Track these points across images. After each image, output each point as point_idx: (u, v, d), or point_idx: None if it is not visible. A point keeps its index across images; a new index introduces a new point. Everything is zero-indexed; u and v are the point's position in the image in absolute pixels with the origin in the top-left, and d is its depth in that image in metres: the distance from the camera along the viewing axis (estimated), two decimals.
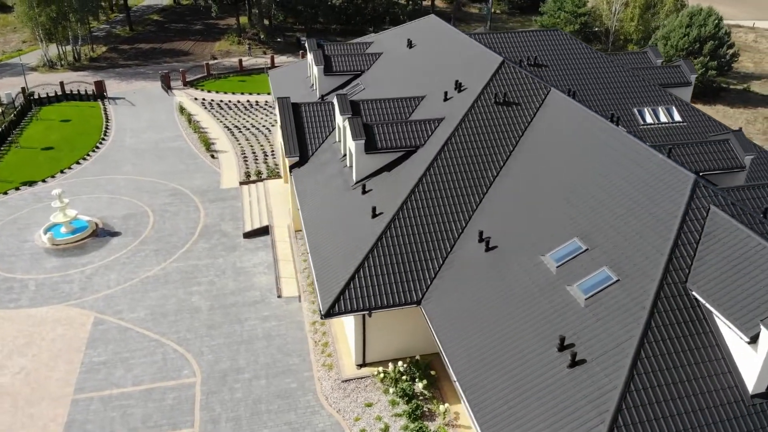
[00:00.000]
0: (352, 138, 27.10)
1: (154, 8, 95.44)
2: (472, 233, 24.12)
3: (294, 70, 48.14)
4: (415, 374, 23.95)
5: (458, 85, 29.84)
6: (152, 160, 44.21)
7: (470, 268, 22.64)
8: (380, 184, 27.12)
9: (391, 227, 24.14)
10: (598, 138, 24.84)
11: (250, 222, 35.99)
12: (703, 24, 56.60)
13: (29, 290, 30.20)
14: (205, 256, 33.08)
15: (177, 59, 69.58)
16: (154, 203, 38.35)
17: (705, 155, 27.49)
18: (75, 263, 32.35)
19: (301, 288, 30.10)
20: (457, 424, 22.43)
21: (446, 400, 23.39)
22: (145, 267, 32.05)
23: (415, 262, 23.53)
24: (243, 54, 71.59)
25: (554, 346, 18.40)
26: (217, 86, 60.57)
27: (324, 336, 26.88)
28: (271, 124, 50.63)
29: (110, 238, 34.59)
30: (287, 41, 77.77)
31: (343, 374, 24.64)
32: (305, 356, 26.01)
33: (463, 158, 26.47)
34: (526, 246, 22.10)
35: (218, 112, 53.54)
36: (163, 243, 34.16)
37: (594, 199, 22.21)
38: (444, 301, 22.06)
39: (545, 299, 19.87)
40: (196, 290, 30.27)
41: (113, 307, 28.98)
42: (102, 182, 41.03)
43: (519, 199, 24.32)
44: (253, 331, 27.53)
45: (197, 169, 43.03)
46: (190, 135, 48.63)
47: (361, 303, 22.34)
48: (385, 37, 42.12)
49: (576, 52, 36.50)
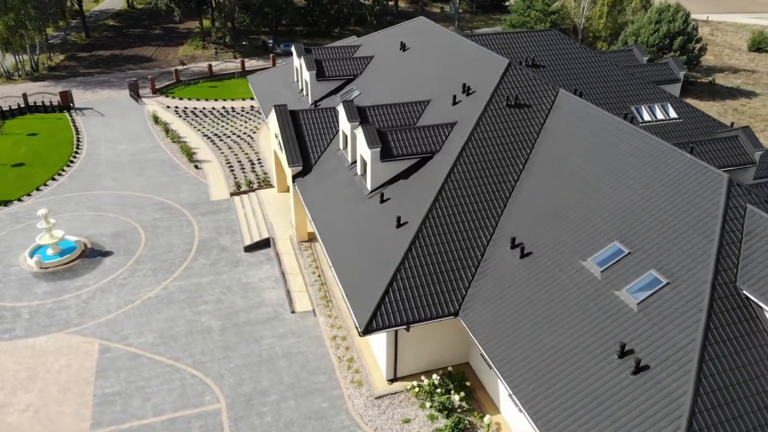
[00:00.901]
0: (368, 146, 26.33)
1: (108, 13, 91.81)
2: (502, 240, 23.74)
3: (275, 75, 46.90)
4: (449, 386, 23.43)
5: (466, 88, 29.43)
6: (133, 173, 42.23)
7: (507, 276, 22.23)
8: (398, 193, 26.44)
9: (419, 237, 23.52)
10: (621, 139, 24.83)
11: (249, 235, 34.71)
12: (672, 20, 58.06)
13: (23, 319, 28.23)
14: (207, 272, 31.68)
15: (141, 66, 66.98)
16: (143, 219, 36.58)
17: (716, 152, 27.93)
18: (68, 287, 30.46)
19: (314, 302, 29.13)
20: None
21: (485, 410, 22.95)
22: (145, 287, 30.45)
23: (448, 272, 22.98)
24: (209, 59, 69.50)
25: (613, 353, 18.18)
26: (188, 93, 58.54)
27: (348, 351, 26.04)
28: (252, 131, 49.20)
29: (102, 259, 32.75)
30: (253, 44, 76.01)
31: (375, 390, 23.88)
32: (331, 373, 25.12)
33: (482, 163, 26.08)
34: (564, 251, 21.84)
35: (194, 120, 51.70)
36: (159, 261, 32.56)
37: (628, 201, 22.13)
38: (484, 312, 21.58)
39: (595, 305, 19.63)
40: (204, 309, 28.92)
41: (118, 333, 27.37)
42: (83, 199, 38.90)
43: (546, 203, 24.06)
44: (272, 349, 26.45)
45: (182, 180, 41.33)
46: (169, 145, 46.73)
47: (398, 317, 21.64)
48: (374, 39, 41.40)
49: (570, 51, 36.64)
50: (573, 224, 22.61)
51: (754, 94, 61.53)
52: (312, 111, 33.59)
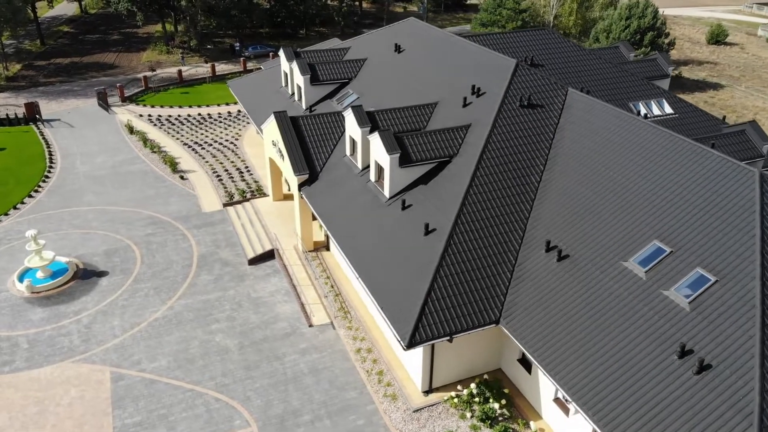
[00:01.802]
0: (387, 152, 25.63)
1: (61, 19, 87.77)
2: (534, 243, 23.46)
3: (256, 80, 45.59)
4: (487, 394, 23.00)
5: (476, 89, 29.08)
6: (116, 187, 40.25)
7: (546, 281, 21.93)
8: (419, 198, 25.84)
9: (451, 244, 22.99)
10: (641, 137, 24.93)
11: (251, 247, 33.49)
12: (642, 15, 59.28)
13: (22, 349, 26.37)
14: (212, 289, 30.36)
15: (104, 73, 64.19)
16: (135, 235, 34.85)
17: (726, 147, 28.41)
18: (65, 312, 28.67)
19: (331, 314, 28.26)
20: None
21: (527, 417, 22.62)
22: (149, 308, 28.93)
23: (483, 279, 22.53)
24: (175, 64, 67.25)
25: (672, 353, 18.08)
26: (159, 100, 56.37)
27: (375, 364, 25.30)
28: (234, 138, 47.69)
29: (98, 279, 30.99)
30: (219, 48, 73.98)
31: (411, 403, 23.23)
32: (361, 388, 24.33)
33: (503, 165, 25.76)
34: (602, 253, 21.69)
35: (171, 129, 49.75)
36: (160, 279, 31.03)
37: (661, 200, 22.16)
38: (528, 318, 21.22)
39: (645, 306, 19.51)
40: (216, 328, 27.66)
41: (129, 358, 25.87)
42: (66, 216, 36.81)
43: (575, 204, 23.90)
44: (296, 366, 25.47)
45: (169, 192, 39.63)
46: (149, 156, 44.79)
47: (440, 329, 21.06)
48: (364, 41, 40.63)
49: (564, 49, 36.81)
50: (606, 225, 22.50)
51: (720, 86, 63.50)
52: (313, 117, 32.64)
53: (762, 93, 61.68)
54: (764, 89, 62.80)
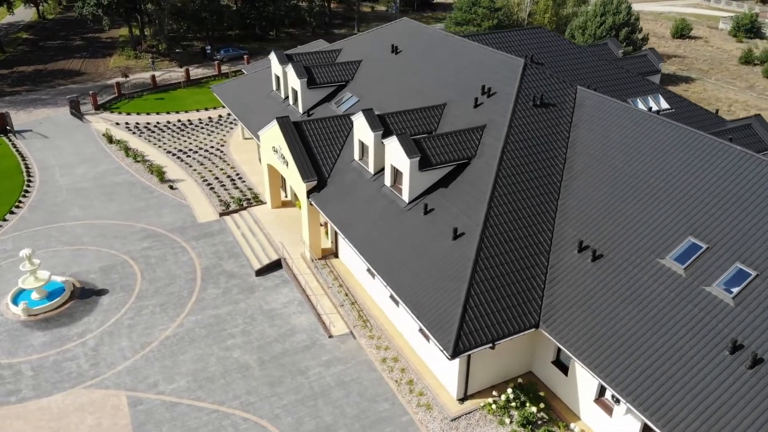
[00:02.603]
0: (406, 155, 25.07)
1: (18, 26, 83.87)
2: (564, 243, 23.28)
3: (242, 84, 44.34)
4: (523, 398, 22.73)
5: (486, 90, 28.79)
6: (102, 200, 38.51)
7: (582, 281, 21.75)
8: (440, 202, 25.38)
9: (482, 248, 22.60)
10: (659, 133, 25.04)
11: (256, 257, 32.44)
12: (617, 12, 60.23)
13: (26, 377, 24.83)
14: (222, 303, 29.26)
15: (72, 80, 61.56)
16: (131, 249, 33.36)
17: (735, 141, 28.80)
18: (68, 335, 27.16)
19: (349, 323, 27.55)
20: None
21: (565, 419, 22.43)
22: (158, 326, 27.68)
23: (518, 283, 22.22)
24: (145, 69, 65.10)
25: (723, 348, 18.11)
26: (134, 107, 54.34)
27: (404, 373, 24.73)
28: (220, 145, 46.32)
29: (97, 298, 29.50)
30: (188, 51, 71.95)
31: (447, 412, 22.77)
32: (393, 399, 23.74)
33: (523, 166, 25.53)
34: (636, 251, 21.64)
35: (151, 137, 47.97)
36: (164, 295, 29.74)
37: (689, 196, 22.25)
38: (567, 320, 20.98)
39: (688, 303, 19.50)
40: (233, 344, 26.63)
41: (144, 381, 24.63)
42: (53, 232, 34.99)
43: (601, 203, 23.82)
44: (322, 380, 24.69)
45: (160, 204, 38.14)
46: (132, 166, 43.07)
47: (482, 336, 20.64)
48: (356, 43, 39.90)
49: (560, 47, 36.92)
50: (636, 223, 22.47)
51: (691, 79, 65.09)
52: (316, 121, 31.81)
53: (732, 85, 63.48)
54: (734, 81, 64.65)
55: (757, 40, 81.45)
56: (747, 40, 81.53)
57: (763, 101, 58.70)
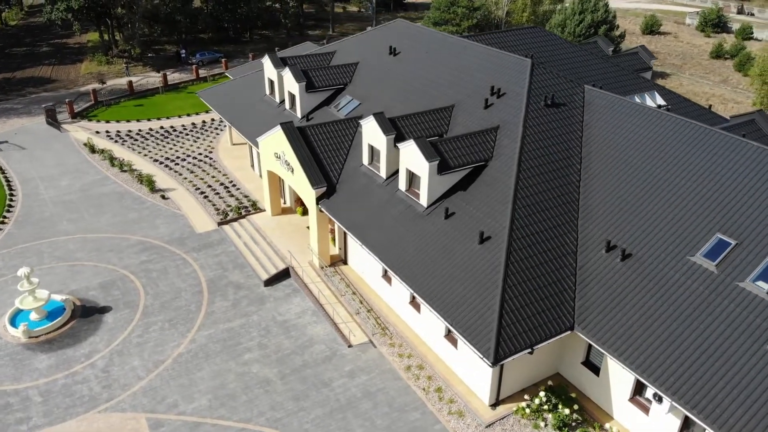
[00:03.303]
0: (426, 159, 24.67)
1: None
2: (591, 244, 23.20)
3: (231, 89, 43.27)
4: (554, 401, 22.59)
5: (496, 90, 28.60)
6: (92, 212, 37.05)
7: (614, 281, 21.68)
8: (462, 206, 25.05)
9: (511, 251, 22.35)
10: (673, 131, 25.22)
11: (262, 267, 31.60)
12: (594, 9, 60.97)
13: (35, 403, 23.57)
14: (233, 315, 28.38)
15: (44, 88, 59.24)
16: (130, 263, 32.13)
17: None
18: (75, 356, 25.94)
19: (368, 332, 27.01)
20: None
21: (598, 419, 22.36)
22: (170, 343, 26.67)
23: (550, 285, 22.04)
24: (118, 74, 63.14)
25: (765, 342, 18.20)
26: (112, 115, 52.58)
27: (431, 381, 24.33)
28: (208, 151, 45.13)
29: (101, 316, 28.28)
30: (162, 56, 70.11)
31: (481, 418, 22.46)
32: (423, 408, 23.32)
33: (542, 166, 25.40)
34: (665, 249, 21.69)
35: (135, 145, 46.44)
36: (171, 310, 28.70)
37: (712, 193, 22.41)
38: (602, 321, 20.88)
39: (724, 299, 19.60)
40: (250, 358, 25.82)
41: (163, 401, 23.66)
42: (45, 248, 33.47)
43: (623, 202, 23.82)
44: (348, 391, 24.12)
45: (153, 214, 36.88)
46: (119, 176, 41.59)
47: (521, 341, 20.39)
48: (349, 45, 39.28)
49: (557, 47, 37.03)
50: (661, 221, 22.53)
51: (666, 75, 66.38)
52: (321, 126, 31.14)
53: (706, 79, 64.97)
54: (708, 76, 66.19)
55: (724, 34, 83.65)
56: (714, 34, 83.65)
57: (739, 94, 60.21)
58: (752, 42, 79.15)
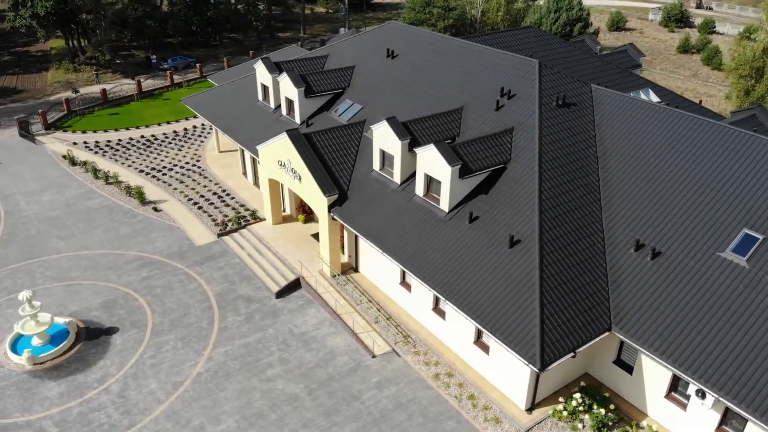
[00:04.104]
0: (448, 163, 24.34)
1: None
2: (618, 243, 23.26)
3: (219, 95, 42.09)
4: (589, 402, 22.58)
5: (506, 92, 28.49)
6: (81, 228, 35.47)
7: (645, 280, 21.77)
8: (485, 209, 24.80)
9: (544, 255, 22.22)
10: (685, 128, 25.56)
11: (270, 278, 30.76)
12: (569, 8, 61.76)
13: None
14: (248, 330, 27.50)
15: (10, 99, 56.57)
16: (130, 280, 30.84)
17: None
18: (86, 382, 24.68)
19: (389, 340, 26.54)
20: None
21: (633, 418, 22.44)
22: (186, 363, 25.65)
23: (584, 287, 21.98)
24: (88, 82, 60.89)
25: None
26: (87, 125, 50.58)
27: (462, 388, 24.02)
28: (195, 160, 43.82)
29: (108, 338, 27.03)
30: (131, 62, 67.94)
31: (519, 424, 22.28)
32: (458, 416, 23.00)
33: (561, 167, 25.39)
34: (694, 246, 21.89)
35: (116, 156, 44.71)
36: (182, 328, 27.64)
37: (734, 188, 22.75)
38: (639, 320, 20.92)
39: (759, 293, 19.87)
40: (273, 374, 25.04)
41: (188, 425, 22.70)
42: (36, 268, 31.84)
43: (645, 201, 23.98)
44: (379, 404, 23.61)
45: (147, 228, 35.54)
46: (104, 188, 39.97)
47: (563, 345, 20.26)
48: (343, 48, 38.61)
49: (552, 46, 37.22)
50: (686, 218, 22.75)
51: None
52: (326, 132, 30.49)
53: (677, 74, 66.60)
54: (678, 71, 67.86)
55: (687, 29, 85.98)
56: (678, 29, 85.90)
57: (710, 88, 61.90)
58: (715, 36, 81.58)
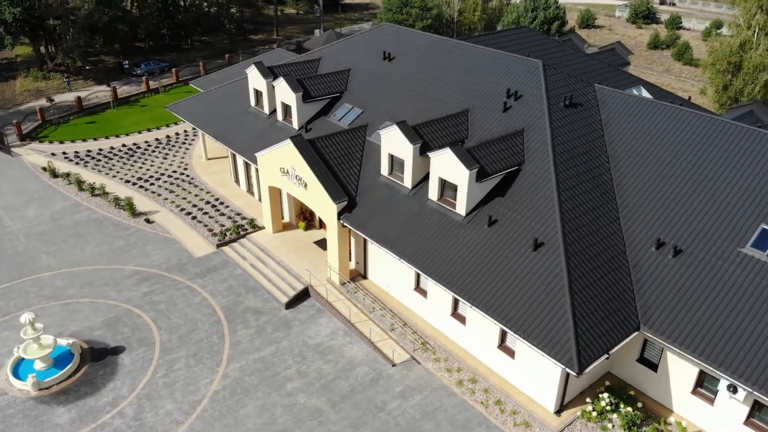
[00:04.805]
0: (466, 167, 24.12)
1: None
2: (636, 242, 23.41)
3: (207, 101, 41.05)
4: (615, 401, 22.67)
5: (513, 93, 28.43)
6: (71, 243, 34.09)
7: (669, 277, 21.93)
8: (503, 212, 24.66)
9: (569, 256, 22.17)
10: (690, 124, 25.93)
11: (277, 288, 30.06)
12: (546, 6, 62.35)
13: None
14: (261, 344, 26.80)
15: None
16: (131, 296, 29.75)
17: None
18: (98, 406, 23.65)
19: (407, 348, 26.19)
20: None
21: (659, 414, 22.62)
22: (201, 380, 24.83)
23: (611, 288, 22.01)
24: (59, 90, 58.78)
25: None
26: (64, 134, 48.76)
27: (487, 394, 23.84)
28: (183, 168, 42.65)
29: (116, 358, 26.00)
30: (101, 68, 65.86)
31: (549, 427, 22.22)
32: (487, 423, 22.81)
33: (575, 167, 25.45)
34: (714, 242, 22.17)
35: (98, 166, 43.16)
36: (193, 344, 26.77)
37: (747, 184, 23.14)
38: (667, 318, 21.06)
39: None
40: (293, 388, 24.43)
41: None
42: (29, 287, 30.44)
43: (660, 198, 24.19)
44: (405, 413, 23.25)
45: (142, 241, 34.37)
46: (91, 200, 38.55)
47: (598, 346, 20.25)
48: (335, 51, 38.03)
49: (546, 45, 37.42)
50: (703, 215, 23.02)
51: None
52: (329, 138, 29.94)
53: (651, 70, 67.92)
54: (651, 66, 69.22)
55: (654, 25, 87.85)
56: (645, 25, 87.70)
57: (684, 83, 63.34)
58: (683, 31, 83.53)
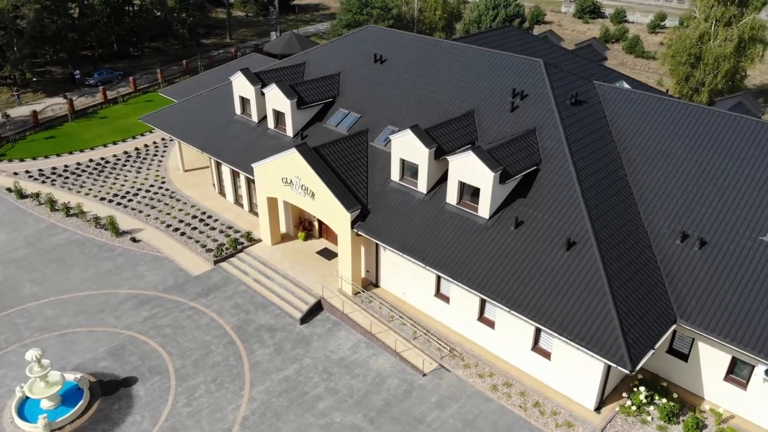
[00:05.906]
0: (490, 170, 23.88)
1: None
2: (659, 236, 23.79)
3: (185, 111, 39.35)
4: (649, 393, 23.01)
5: (518, 93, 28.43)
6: (55, 268, 31.92)
7: (696, 269, 22.40)
8: (528, 213, 24.56)
9: (604, 254, 22.28)
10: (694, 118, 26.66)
11: (288, 303, 29.05)
12: (507, 4, 63.11)
13: None
14: (282, 363, 25.79)
15: None
16: (132, 322, 28.09)
17: None
18: None
19: (434, 356, 25.78)
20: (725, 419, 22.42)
21: (691, 403, 23.09)
22: (227, 407, 23.65)
23: (645, 282, 22.25)
24: (9, 105, 55.19)
25: None
26: (24, 151, 45.76)
27: (524, 397, 23.72)
28: (161, 181, 40.74)
29: (129, 390, 24.44)
30: (49, 78, 62.29)
31: (591, 425, 22.31)
32: (529, 426, 22.69)
33: (591, 165, 25.67)
34: (735, 232, 22.80)
35: (68, 184, 40.69)
36: (210, 368, 25.49)
37: (760, 174, 23.88)
38: (702, 309, 21.46)
39: None
40: (326, 407, 23.59)
41: None
42: (16, 319, 28.26)
43: (676, 192, 24.70)
44: (445, 424, 22.84)
45: (131, 261, 32.55)
46: (67, 221, 36.23)
47: (644, 342, 20.42)
48: (320, 54, 37.09)
49: (531, 43, 37.71)
50: (720, 207, 23.64)
51: None
52: (333, 144, 29.13)
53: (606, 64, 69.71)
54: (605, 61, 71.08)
55: (600, 19, 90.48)
56: (591, 21, 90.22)
57: (639, 75, 65.42)
58: (627, 25, 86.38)
